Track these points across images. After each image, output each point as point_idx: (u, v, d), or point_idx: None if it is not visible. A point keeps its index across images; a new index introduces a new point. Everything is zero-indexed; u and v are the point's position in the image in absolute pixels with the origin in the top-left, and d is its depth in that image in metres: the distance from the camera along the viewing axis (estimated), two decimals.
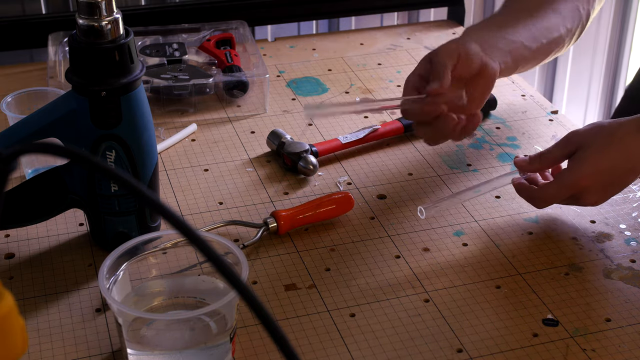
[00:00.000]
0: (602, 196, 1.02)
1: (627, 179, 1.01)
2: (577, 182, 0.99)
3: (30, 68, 1.44)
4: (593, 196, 1.01)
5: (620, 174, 1.00)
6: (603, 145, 0.99)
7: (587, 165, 0.99)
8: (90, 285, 0.96)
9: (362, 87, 1.38)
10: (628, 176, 1.00)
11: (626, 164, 0.99)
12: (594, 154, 0.99)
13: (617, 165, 0.99)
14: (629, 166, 0.99)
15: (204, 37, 1.42)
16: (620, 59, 2.18)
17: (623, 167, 0.99)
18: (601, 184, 1.00)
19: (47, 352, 0.87)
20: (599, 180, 0.99)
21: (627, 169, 0.99)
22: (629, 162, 0.99)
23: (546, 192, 1.02)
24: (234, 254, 0.85)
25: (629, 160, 0.99)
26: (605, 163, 0.98)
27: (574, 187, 1.00)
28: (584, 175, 0.99)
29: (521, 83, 1.40)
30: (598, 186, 1.00)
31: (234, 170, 1.17)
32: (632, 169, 1.00)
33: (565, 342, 0.89)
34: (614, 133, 0.99)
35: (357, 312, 0.93)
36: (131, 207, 0.98)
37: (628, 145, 0.99)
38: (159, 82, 1.29)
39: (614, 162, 0.99)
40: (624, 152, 0.99)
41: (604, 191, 1.01)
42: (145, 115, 0.95)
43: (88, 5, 0.90)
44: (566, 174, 1.00)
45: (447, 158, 1.20)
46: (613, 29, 2.15)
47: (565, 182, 1.00)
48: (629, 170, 1.00)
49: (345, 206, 1.07)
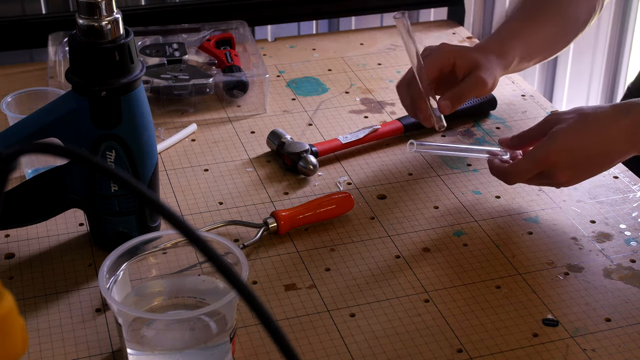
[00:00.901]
0: (573, 176, 1.01)
1: (599, 164, 1.01)
2: (547, 157, 0.99)
3: (30, 68, 1.44)
4: (563, 174, 1.00)
5: (593, 156, 1.00)
6: (578, 125, 0.99)
7: (559, 142, 0.99)
8: (90, 285, 0.96)
9: (362, 87, 1.38)
10: (601, 161, 1.01)
11: (600, 148, 0.99)
12: (568, 132, 0.99)
13: (590, 147, 0.99)
14: (603, 151, 1.00)
15: (204, 37, 1.42)
16: (620, 59, 2.18)
17: (596, 150, 0.99)
18: (571, 163, 1.00)
19: (47, 352, 0.87)
20: (568, 159, 0.99)
21: (600, 153, 1.00)
22: (603, 147, 0.99)
23: (516, 167, 1.02)
24: (234, 254, 0.85)
25: (604, 145, 0.99)
26: (578, 142, 0.99)
27: (543, 162, 1.00)
28: (554, 150, 0.99)
29: (521, 83, 1.40)
30: (567, 164, 0.99)
31: (234, 170, 1.17)
32: (605, 154, 1.00)
33: (565, 342, 0.89)
34: (591, 115, 1.00)
35: (357, 312, 0.93)
36: (131, 207, 0.98)
37: (604, 129, 0.99)
38: (159, 82, 1.29)
39: (587, 143, 0.99)
40: (599, 136, 0.99)
41: (574, 170, 1.00)
42: (145, 115, 0.95)
43: (88, 5, 0.90)
44: (536, 148, 1.01)
45: (447, 158, 1.20)
46: (613, 29, 2.15)
47: (534, 156, 1.00)
48: (603, 155, 1.00)
49: (345, 206, 1.07)
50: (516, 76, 1.42)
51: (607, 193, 1.13)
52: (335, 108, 1.32)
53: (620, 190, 1.13)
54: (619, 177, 1.16)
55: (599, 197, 1.12)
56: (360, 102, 1.34)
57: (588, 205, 1.10)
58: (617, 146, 1.00)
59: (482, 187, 1.13)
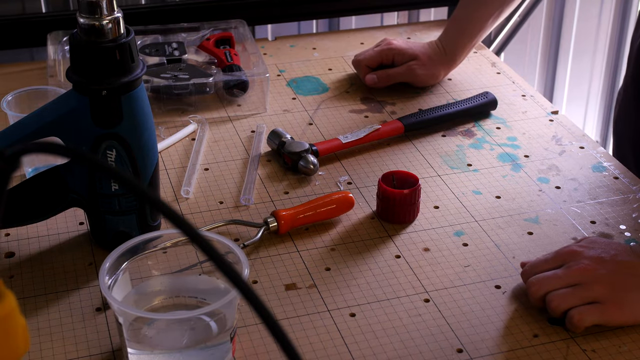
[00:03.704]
0: (609, 283, 0.90)
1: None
2: (569, 249, 0.93)
3: (31, 67, 1.44)
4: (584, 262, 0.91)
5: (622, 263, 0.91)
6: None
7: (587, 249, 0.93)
8: (91, 284, 0.96)
9: (362, 87, 1.38)
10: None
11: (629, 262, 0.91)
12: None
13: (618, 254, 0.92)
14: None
15: (203, 36, 1.42)
16: (620, 59, 2.18)
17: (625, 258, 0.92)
18: (600, 259, 0.91)
19: (47, 352, 0.87)
20: (597, 257, 0.91)
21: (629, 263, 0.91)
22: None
23: (533, 262, 0.95)
24: (235, 254, 0.85)
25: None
26: (606, 247, 0.93)
27: (566, 253, 0.93)
28: (578, 245, 0.94)
29: (521, 83, 1.40)
30: (596, 259, 0.91)
31: (234, 169, 1.17)
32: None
33: (565, 342, 0.89)
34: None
35: (357, 312, 0.93)
36: (132, 206, 0.98)
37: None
38: (159, 82, 1.29)
39: (615, 250, 0.92)
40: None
41: (605, 270, 0.91)
42: (146, 115, 0.95)
43: (89, 4, 0.89)
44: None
45: (447, 158, 1.20)
46: (613, 29, 2.15)
47: (557, 251, 0.94)
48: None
49: (345, 206, 1.07)
50: (516, 76, 1.42)
51: (607, 194, 1.13)
52: (335, 107, 1.32)
53: (620, 191, 1.13)
54: (619, 177, 1.16)
55: (599, 197, 1.12)
56: (360, 102, 1.34)
57: (588, 206, 1.10)
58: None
59: (482, 187, 1.13)
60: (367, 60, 1.37)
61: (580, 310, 0.88)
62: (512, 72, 1.43)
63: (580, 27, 2.12)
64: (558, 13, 2.10)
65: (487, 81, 1.40)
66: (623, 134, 1.37)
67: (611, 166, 1.18)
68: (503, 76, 1.42)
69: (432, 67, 1.36)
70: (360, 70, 1.38)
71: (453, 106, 1.28)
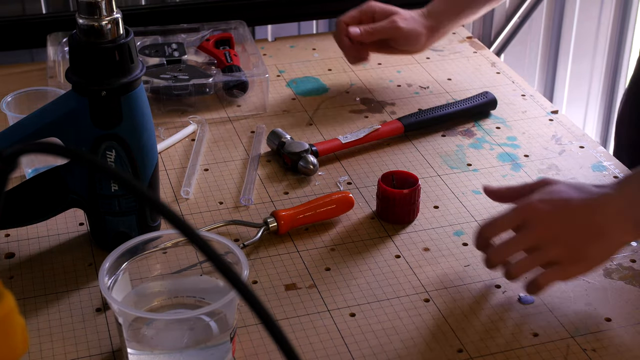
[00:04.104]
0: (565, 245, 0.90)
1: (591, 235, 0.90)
2: (529, 204, 0.91)
3: (30, 68, 1.44)
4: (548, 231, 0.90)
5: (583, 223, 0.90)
6: (569, 185, 0.93)
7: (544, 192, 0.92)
8: (91, 284, 0.96)
9: (363, 87, 1.38)
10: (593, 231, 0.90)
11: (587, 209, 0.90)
12: (558, 185, 0.93)
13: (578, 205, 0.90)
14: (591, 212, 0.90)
15: (203, 37, 1.42)
16: (620, 59, 2.18)
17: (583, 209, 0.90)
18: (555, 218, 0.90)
19: (47, 352, 0.87)
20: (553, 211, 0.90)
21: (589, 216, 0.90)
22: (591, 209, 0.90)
23: (494, 218, 0.93)
24: (234, 254, 0.85)
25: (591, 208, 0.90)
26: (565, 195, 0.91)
27: (525, 208, 0.91)
28: (537, 198, 0.91)
29: (521, 83, 1.40)
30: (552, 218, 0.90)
31: (234, 170, 1.17)
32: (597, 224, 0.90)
33: (565, 342, 0.89)
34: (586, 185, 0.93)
35: (357, 312, 0.93)
36: (131, 206, 0.98)
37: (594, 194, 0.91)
38: (159, 82, 1.29)
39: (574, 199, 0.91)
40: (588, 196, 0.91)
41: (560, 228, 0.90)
42: (146, 115, 0.95)
43: (88, 5, 0.89)
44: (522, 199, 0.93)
45: (447, 158, 1.20)
46: (613, 29, 2.15)
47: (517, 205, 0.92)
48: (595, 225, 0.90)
49: (345, 206, 1.07)
50: (516, 76, 1.42)
51: None
52: (335, 108, 1.32)
53: None
54: (619, 177, 1.16)
55: None
56: (360, 102, 1.34)
57: None
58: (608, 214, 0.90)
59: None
60: (347, 18, 1.33)
61: (541, 276, 0.91)
62: (512, 72, 1.43)
63: (580, 28, 2.12)
64: (558, 14, 2.10)
65: (486, 81, 1.40)
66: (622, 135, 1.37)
67: (611, 165, 1.18)
68: (503, 76, 1.42)
69: (414, 23, 1.32)
70: (340, 30, 1.32)
71: (453, 106, 1.28)
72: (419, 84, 1.39)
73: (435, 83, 1.40)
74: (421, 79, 1.41)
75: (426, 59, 1.47)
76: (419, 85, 1.39)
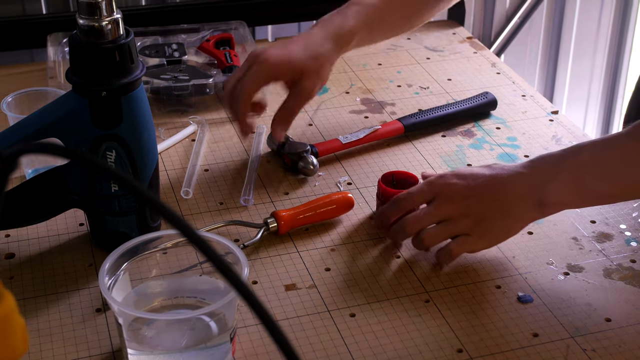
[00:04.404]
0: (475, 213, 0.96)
1: (497, 204, 0.96)
2: (437, 179, 0.98)
3: (31, 68, 1.44)
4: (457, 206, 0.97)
5: (488, 189, 0.97)
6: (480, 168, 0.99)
7: (450, 173, 0.99)
8: (91, 285, 0.96)
9: (362, 87, 1.38)
10: (498, 198, 0.96)
11: (492, 180, 0.97)
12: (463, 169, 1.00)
13: (482, 177, 0.97)
14: (496, 183, 0.97)
15: (203, 38, 1.42)
16: (620, 59, 2.18)
17: (487, 179, 0.97)
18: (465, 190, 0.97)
19: (47, 352, 0.87)
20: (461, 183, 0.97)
21: (493, 186, 0.97)
22: (495, 180, 0.97)
23: (406, 192, 1.00)
24: (234, 254, 0.85)
25: (495, 178, 0.97)
26: (469, 171, 0.98)
27: (434, 183, 0.98)
28: (445, 174, 0.99)
29: (521, 83, 1.40)
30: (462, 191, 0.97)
31: (234, 170, 1.17)
32: (502, 191, 0.97)
33: (565, 342, 0.89)
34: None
35: (357, 312, 0.93)
36: (131, 207, 0.98)
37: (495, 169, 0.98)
38: (159, 83, 1.29)
39: (478, 174, 0.98)
40: (490, 171, 0.98)
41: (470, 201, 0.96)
42: (146, 116, 0.95)
43: (88, 6, 0.90)
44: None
45: (447, 158, 1.20)
46: (613, 29, 2.15)
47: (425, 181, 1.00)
48: (500, 191, 0.96)
49: (345, 206, 1.07)
50: (516, 76, 1.42)
51: None
52: (335, 108, 1.32)
53: None
54: None
55: None
56: (360, 102, 1.34)
57: None
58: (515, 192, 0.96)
59: None
60: (248, 92, 1.09)
61: (454, 243, 0.97)
62: (512, 72, 1.43)
63: (580, 28, 2.12)
64: (558, 14, 2.10)
65: (486, 81, 1.40)
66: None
67: None
68: (503, 76, 1.42)
69: (322, 70, 1.12)
70: (239, 104, 1.09)
71: (453, 106, 1.28)
72: (419, 85, 1.39)
73: (435, 83, 1.40)
74: (421, 80, 1.41)
75: (426, 59, 1.47)
76: (419, 86, 1.39)
